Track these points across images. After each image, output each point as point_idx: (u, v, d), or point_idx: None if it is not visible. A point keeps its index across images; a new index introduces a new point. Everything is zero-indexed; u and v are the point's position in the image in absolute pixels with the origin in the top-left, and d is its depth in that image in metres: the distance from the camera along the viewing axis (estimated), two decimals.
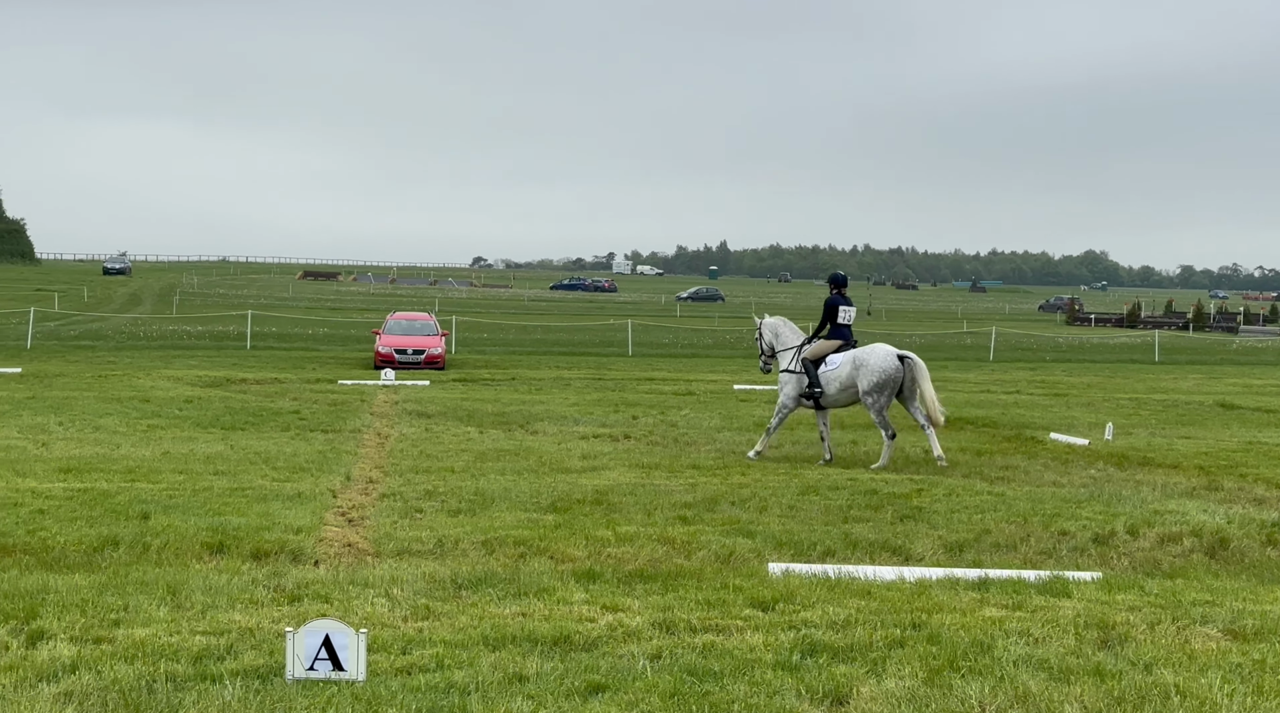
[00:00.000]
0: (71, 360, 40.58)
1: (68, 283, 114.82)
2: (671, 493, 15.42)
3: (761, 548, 12.21)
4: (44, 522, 12.71)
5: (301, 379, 34.33)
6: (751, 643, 8.45)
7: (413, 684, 7.44)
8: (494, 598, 9.68)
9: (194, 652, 8.02)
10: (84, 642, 8.24)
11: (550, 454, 18.96)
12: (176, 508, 13.64)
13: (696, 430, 22.58)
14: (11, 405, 24.62)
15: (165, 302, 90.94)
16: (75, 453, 18.05)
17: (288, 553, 11.58)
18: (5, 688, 7.26)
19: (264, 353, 47.52)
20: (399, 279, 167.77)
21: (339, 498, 14.84)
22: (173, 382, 31.97)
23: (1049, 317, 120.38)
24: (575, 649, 8.29)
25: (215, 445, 19.23)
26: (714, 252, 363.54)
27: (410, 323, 45.18)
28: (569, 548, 11.98)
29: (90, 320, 66.17)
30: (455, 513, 13.86)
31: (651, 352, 54.17)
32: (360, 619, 8.81)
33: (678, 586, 10.19)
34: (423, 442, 20.38)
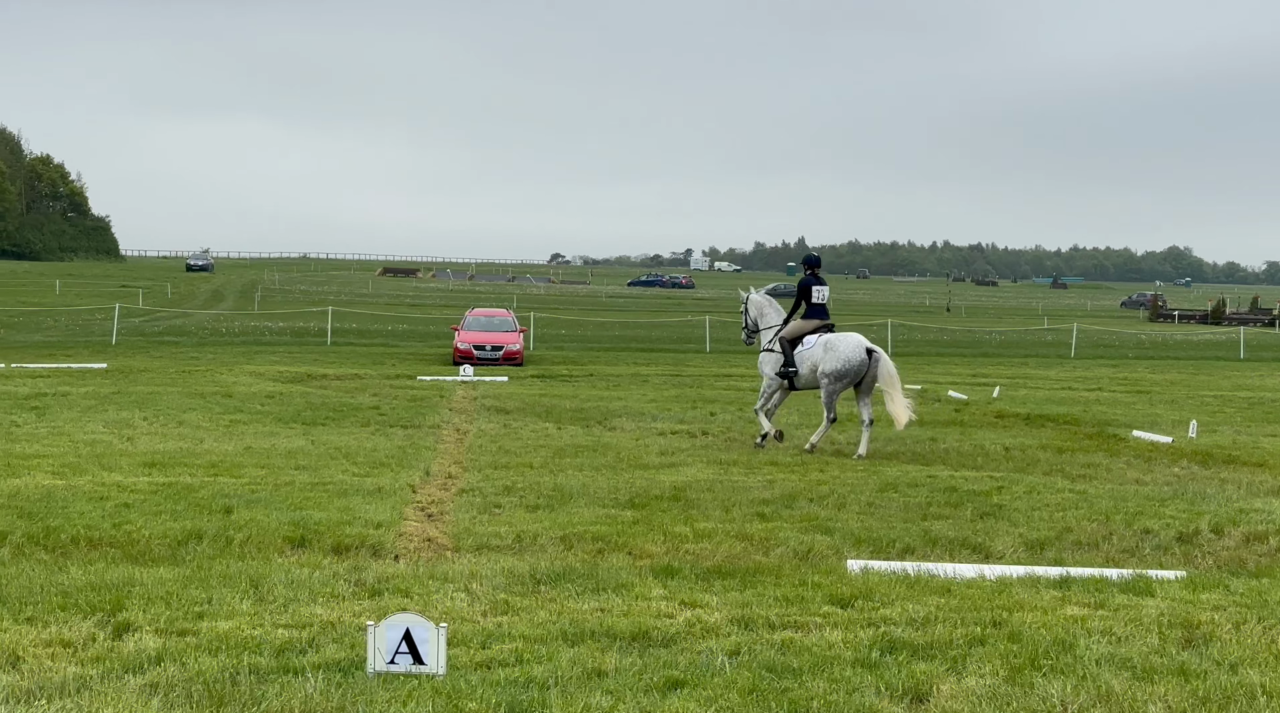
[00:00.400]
0: (155, 356, 41.08)
1: (152, 280, 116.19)
2: (749, 489, 15.40)
3: (840, 545, 12.16)
4: (129, 515, 12.86)
5: (381, 375, 34.56)
6: (830, 640, 8.42)
7: (492, 679, 7.47)
8: (573, 593, 9.71)
9: (276, 645, 8.09)
10: (169, 634, 8.35)
11: (628, 450, 18.98)
12: (259, 502, 13.77)
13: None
14: (97, 400, 24.95)
15: (247, 298, 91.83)
16: (159, 448, 18.26)
17: (368, 548, 11.66)
18: (93, 679, 7.36)
19: (344, 349, 47.90)
20: (477, 276, 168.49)
21: (418, 493, 14.93)
22: (255, 377, 32.28)
23: (1131, 313, 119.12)
24: (653, 645, 8.29)
25: (296, 441, 19.39)
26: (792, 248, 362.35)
27: (489, 319, 45.37)
28: (647, 544, 11.98)
29: (174, 316, 66.96)
30: (534, 508, 13.90)
31: (729, 348, 54.06)
32: (440, 614, 8.86)
33: (756, 582, 10.18)
34: (501, 438, 20.46)
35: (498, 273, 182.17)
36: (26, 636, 8.23)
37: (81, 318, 61.46)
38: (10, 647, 7.95)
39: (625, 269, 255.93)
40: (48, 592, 9.37)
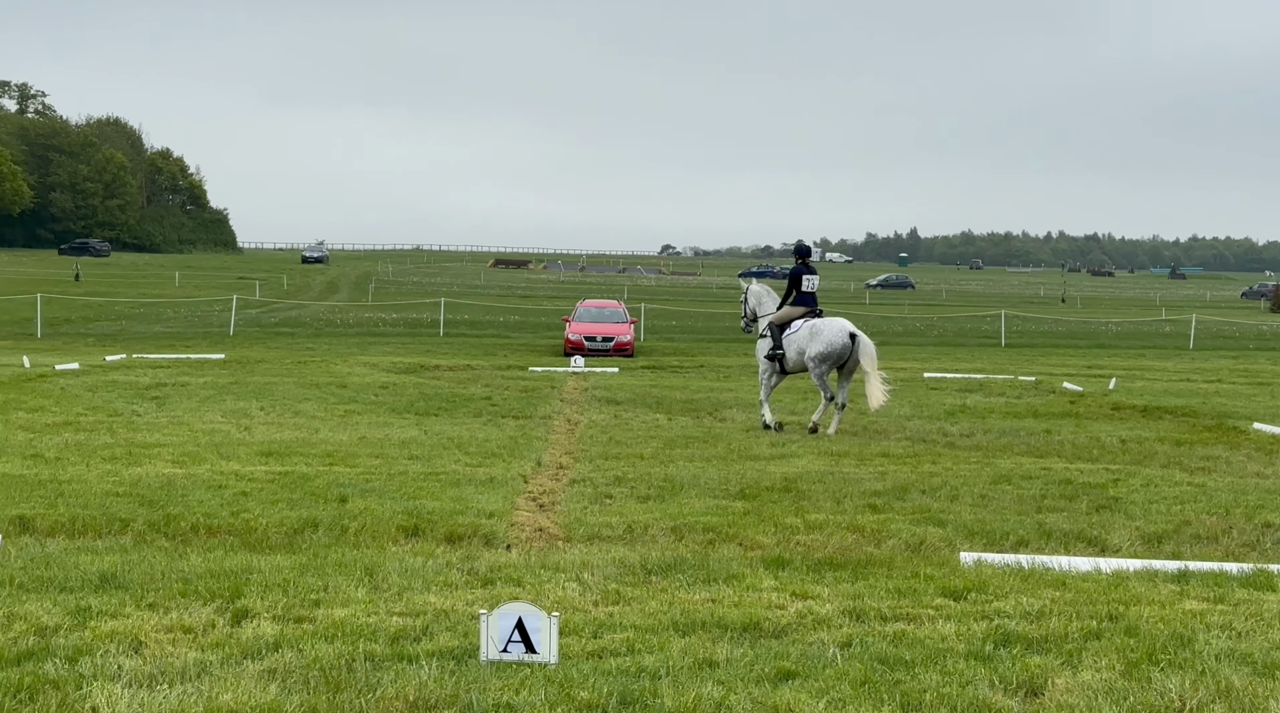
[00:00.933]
0: (272, 347, 41.65)
1: (268, 271, 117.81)
2: (861, 481, 15.32)
3: (953, 537, 12.06)
4: (247, 504, 13.06)
5: (493, 366, 34.78)
6: (943, 632, 8.36)
7: (604, 668, 7.50)
8: (684, 584, 9.72)
9: (391, 632, 8.18)
10: (286, 621, 8.47)
11: (739, 441, 18.96)
12: (373, 491, 13.92)
13: (886, 418, 22.37)
14: (215, 390, 25.34)
15: (361, 289, 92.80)
16: (276, 437, 18.51)
17: (480, 537, 11.75)
18: (213, 664, 7.48)
19: (456, 340, 48.26)
20: (588, 267, 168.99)
21: (530, 483, 15.01)
22: (368, 368, 32.62)
23: (1252, 304, 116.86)
24: (765, 636, 8.28)
25: (410, 431, 19.57)
26: (904, 238, 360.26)
27: (600, 310, 45.47)
28: (758, 535, 11.97)
29: (289, 308, 67.83)
30: (644, 499, 13.93)
31: None
32: (552, 603, 8.91)
33: (868, 574, 10.13)
34: (612, 428, 20.51)
35: (608, 264, 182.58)
36: (148, 621, 8.39)
37: (200, 309, 62.46)
38: (133, 632, 8.11)
39: (736, 260, 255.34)
40: (168, 578, 9.55)
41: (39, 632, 8.14)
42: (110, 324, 52.81)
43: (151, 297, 72.83)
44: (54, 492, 13.47)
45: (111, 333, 48.45)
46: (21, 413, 20.85)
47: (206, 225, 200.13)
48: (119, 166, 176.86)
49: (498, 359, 37.73)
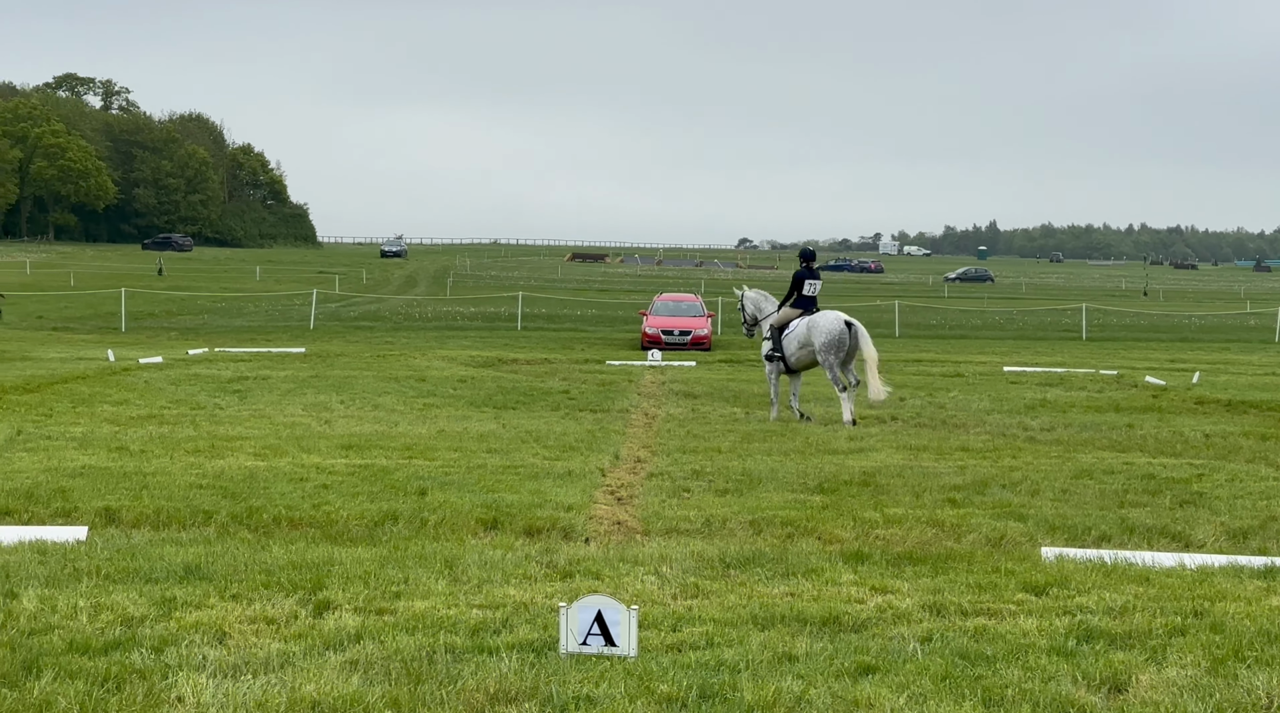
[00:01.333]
0: (351, 340, 41.99)
1: (347, 265, 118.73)
2: (940, 475, 15.22)
3: (1033, 532, 11.96)
4: (328, 496, 13.16)
5: (570, 360, 34.88)
6: (1025, 628, 8.30)
7: (683, 661, 7.50)
8: (762, 578, 9.70)
9: (471, 624, 8.22)
10: (367, 613, 8.53)
11: (817, 435, 18.89)
12: (452, 484, 13.98)
13: (965, 412, 22.24)
14: (296, 384, 25.57)
15: (439, 283, 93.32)
16: (356, 430, 18.64)
17: (559, 530, 11.77)
18: (295, 655, 7.55)
19: (534, 334, 48.44)
20: (665, 261, 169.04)
21: (608, 477, 15.03)
22: (447, 362, 32.80)
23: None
24: (844, 630, 8.26)
25: (488, 424, 19.65)
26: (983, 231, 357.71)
27: (677, 304, 45.51)
28: (836, 529, 11.92)
29: (369, 302, 68.32)
30: (722, 493, 13.91)
31: (919, 333, 53.59)
32: (631, 596, 8.92)
33: (948, 568, 10.07)
34: (689, 422, 20.51)
35: (685, 258, 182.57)
36: (232, 612, 8.48)
37: (281, 303, 63.05)
38: (217, 623, 8.19)
39: None
40: (251, 570, 9.64)
41: (125, 622, 8.25)
42: (192, 318, 53.42)
43: (233, 291, 73.58)
44: (139, 484, 13.63)
45: (194, 327, 49.01)
46: (107, 406, 21.12)
47: (287, 220, 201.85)
48: (201, 162, 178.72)
49: (575, 353, 37.83)
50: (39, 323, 49.22)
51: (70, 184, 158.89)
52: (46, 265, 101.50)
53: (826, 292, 25.46)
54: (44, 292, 65.44)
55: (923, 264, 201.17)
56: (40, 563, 9.76)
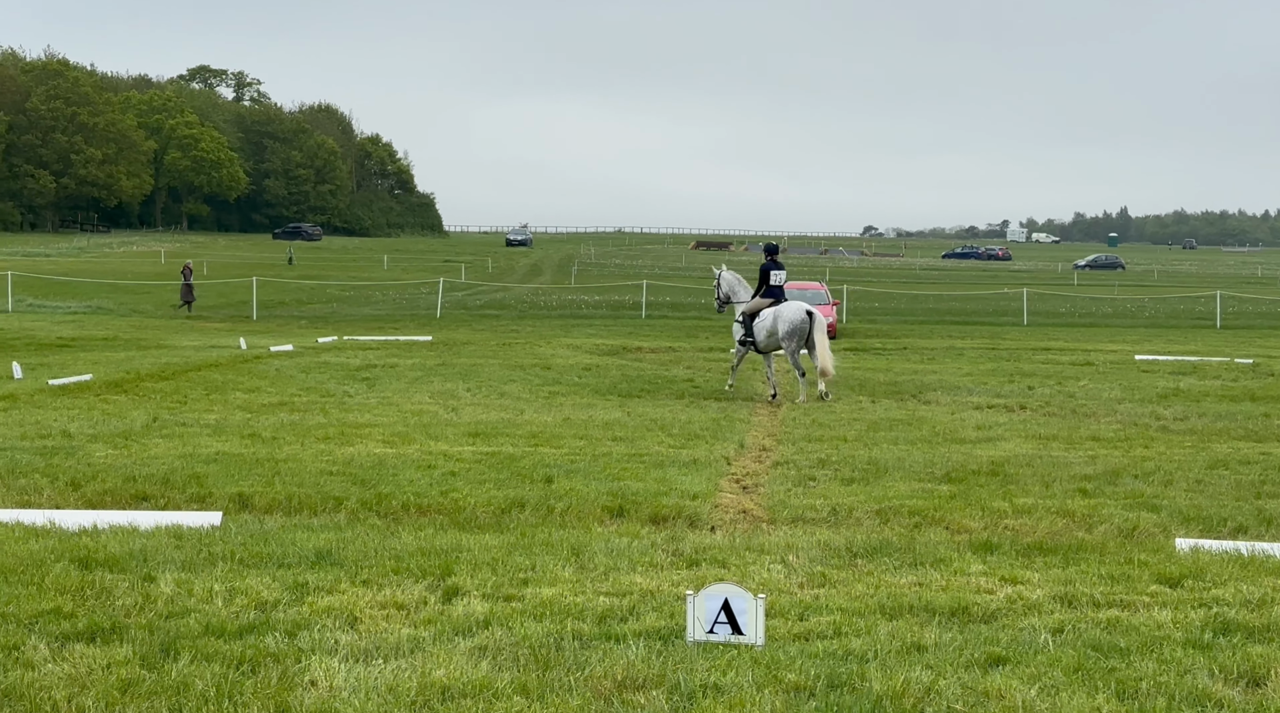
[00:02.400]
0: (477, 329, 42.33)
1: (473, 254, 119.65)
2: (1070, 465, 15.02)
3: (1167, 523, 11.76)
4: (455, 483, 13.27)
5: (695, 347, 34.88)
6: (1159, 620, 8.17)
7: (810, 651, 7.48)
8: (890, 567, 9.64)
9: (598, 612, 8.25)
10: (495, 599, 8.59)
11: (944, 424, 18.72)
12: (578, 472, 14.04)
13: (1095, 401, 21.91)
14: (423, 372, 25.82)
15: (564, 272, 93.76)
16: (482, 418, 18.78)
17: (685, 518, 11.78)
18: (425, 640, 7.63)
19: (658, 322, 48.51)
20: (789, 249, 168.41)
21: (733, 465, 15.02)
22: (572, 350, 32.95)
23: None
24: (974, 621, 8.18)
25: (613, 412, 19.71)
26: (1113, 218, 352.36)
27: (801, 292, 45.30)
28: (965, 519, 11.80)
29: (494, 290, 68.82)
30: (848, 481, 13.84)
31: (1047, 321, 52.89)
32: (757, 585, 8.90)
33: (1079, 559, 9.94)
34: (815, 410, 20.42)
35: (809, 246, 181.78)
36: (363, 597, 8.59)
37: (408, 292, 63.71)
38: (349, 608, 8.30)
39: (940, 241, 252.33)
40: (381, 556, 9.76)
41: (259, 606, 8.39)
42: (322, 307, 54.16)
43: (361, 280, 74.47)
44: (271, 470, 13.84)
45: (323, 315, 49.69)
46: (239, 393, 21.49)
47: (414, 209, 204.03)
48: (330, 152, 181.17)
49: (700, 341, 37.84)
50: (174, 312, 50.17)
51: (203, 175, 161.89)
52: (180, 255, 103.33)
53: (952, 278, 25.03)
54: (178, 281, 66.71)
55: (1051, 251, 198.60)
56: (177, 548, 9.95)
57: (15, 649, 7.41)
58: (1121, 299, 69.39)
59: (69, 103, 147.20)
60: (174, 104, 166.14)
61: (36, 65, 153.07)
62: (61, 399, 20.23)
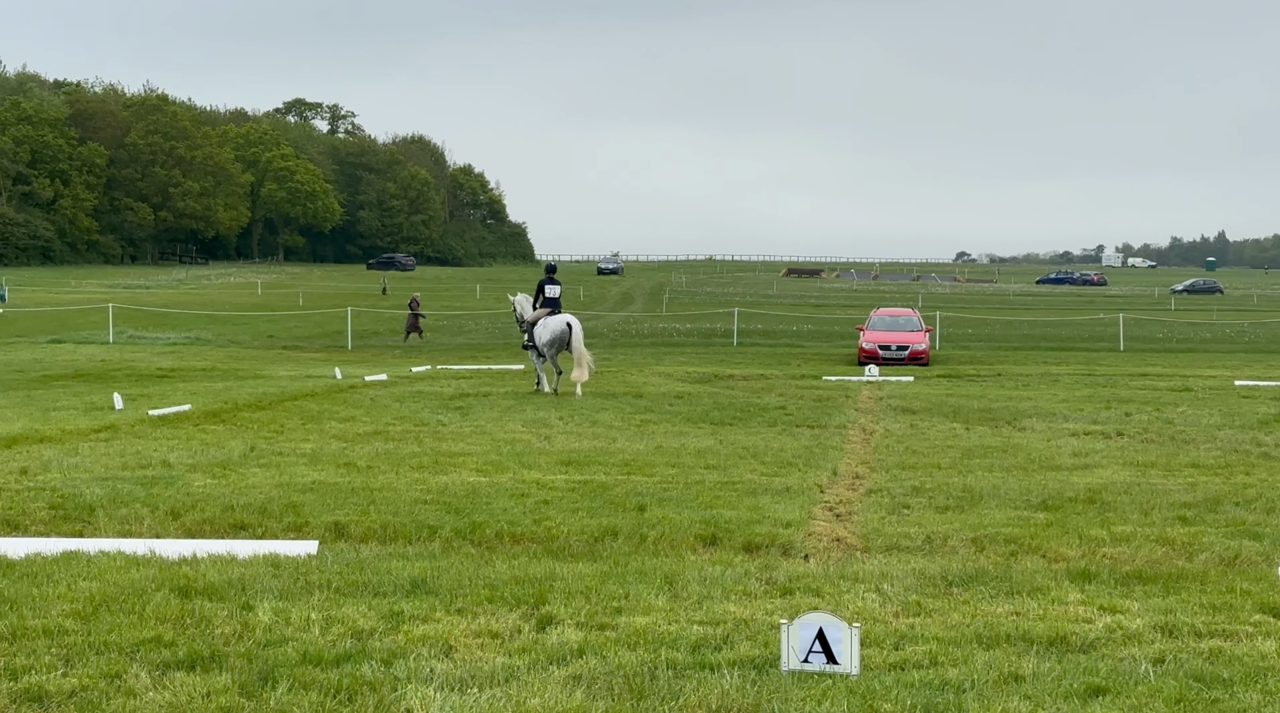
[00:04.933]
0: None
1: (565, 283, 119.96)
2: (1169, 492, 14.81)
3: (1270, 551, 11.56)
4: (548, 512, 13.30)
5: (786, 375, 34.80)
6: (1263, 650, 8.03)
7: (906, 680, 7.42)
8: (986, 596, 9.55)
9: (692, 641, 8.24)
10: (589, 628, 8.60)
11: (1039, 451, 18.54)
12: (670, 500, 14.03)
13: (1195, 428, 21.62)
14: (515, 401, 25.95)
15: (655, 300, 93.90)
16: (575, 446, 18.83)
17: (778, 546, 11.73)
18: (520, 669, 7.65)
19: (750, 349, 48.45)
20: (881, 275, 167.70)
21: (826, 493, 14.94)
22: (663, 378, 32.98)
23: None
24: (1072, 650, 8.09)
25: (705, 440, 19.69)
26: (1211, 242, 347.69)
27: (894, 319, 45.12)
28: (1061, 547, 11.67)
29: (586, 319, 68.86)
30: (943, 509, 13.73)
31: (1144, 346, 52.26)
32: (852, 614, 8.85)
33: (1179, 588, 9.80)
34: (908, 438, 20.29)
35: (902, 272, 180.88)
36: (458, 626, 8.63)
37: (500, 321, 64.00)
38: (444, 636, 8.34)
39: (1033, 267, 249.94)
40: (475, 585, 9.80)
41: (355, 635, 8.45)
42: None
43: (454, 309, 75.00)
44: (366, 499, 13.95)
45: (417, 345, 50.07)
46: (334, 423, 21.69)
47: (506, 238, 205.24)
48: (423, 183, 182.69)
49: (791, 368, 37.74)
50: (270, 342, 50.79)
51: (298, 206, 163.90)
52: (276, 286, 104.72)
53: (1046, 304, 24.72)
54: (274, 311, 67.54)
55: (1148, 276, 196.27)
56: (274, 576, 10.05)
57: (117, 678, 7.52)
58: (1220, 324, 68.46)
59: (167, 137, 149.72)
60: (270, 137, 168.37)
61: (136, 100, 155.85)
62: (161, 429, 20.52)
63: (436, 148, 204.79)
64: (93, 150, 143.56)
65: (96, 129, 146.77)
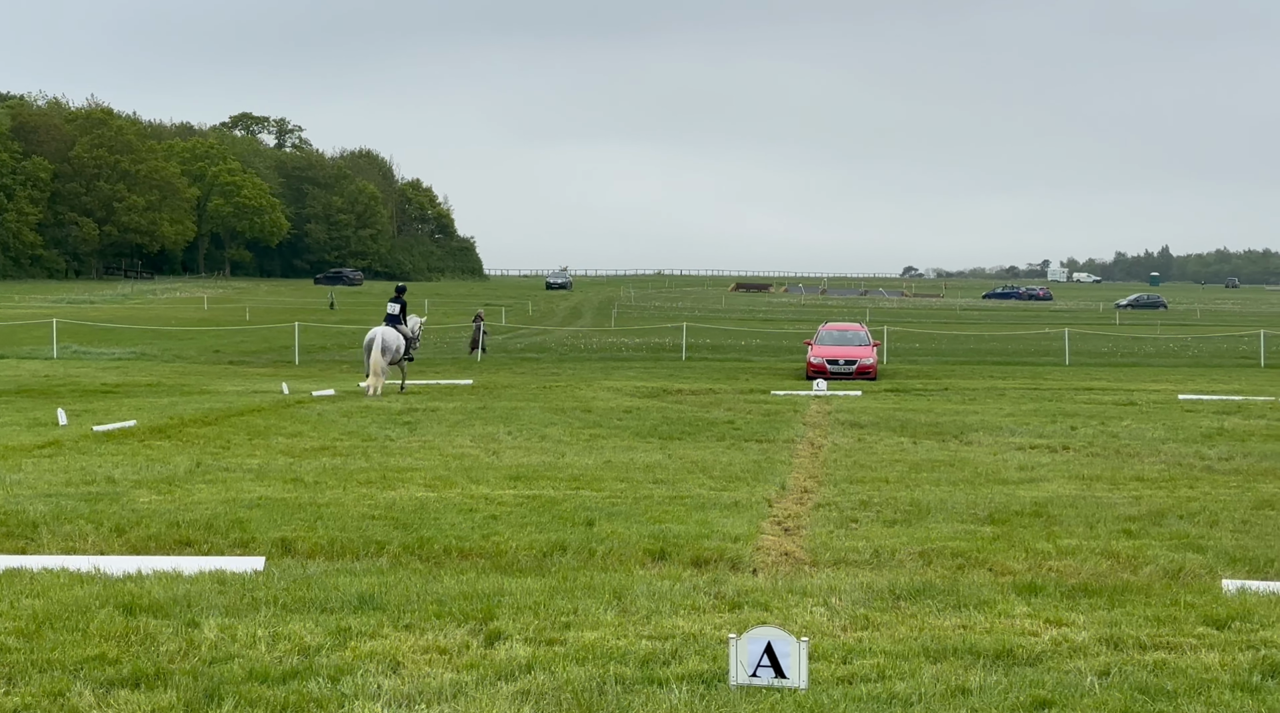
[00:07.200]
0: (518, 372, 42.43)
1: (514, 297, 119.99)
2: (1114, 506, 14.93)
3: (1213, 564, 11.66)
4: (497, 527, 13.27)
5: (735, 390, 34.85)
6: (1206, 662, 8.10)
7: (854, 694, 7.45)
8: (933, 609, 9.60)
9: (640, 655, 8.24)
10: (537, 643, 8.59)
11: (986, 465, 18.65)
12: (619, 515, 14.02)
13: (1139, 441, 21.79)
14: (464, 415, 25.88)
15: (604, 315, 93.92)
16: (523, 461, 18.80)
17: (726, 561, 11.74)
18: (468, 685, 7.63)
19: (698, 364, 48.51)
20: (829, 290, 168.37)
21: (774, 507, 14.97)
22: (612, 392, 32.97)
23: None
24: (1018, 663, 8.13)
25: (654, 455, 19.70)
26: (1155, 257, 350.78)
27: (842, 334, 45.28)
28: (1008, 560, 11.73)
29: (534, 333, 68.97)
30: (890, 523, 13.78)
31: (1089, 361, 52.65)
32: (800, 628, 8.88)
33: (1124, 601, 9.88)
34: (856, 452, 20.36)
35: (850, 287, 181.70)
36: (405, 642, 8.60)
37: (449, 336, 63.87)
38: (391, 653, 8.32)
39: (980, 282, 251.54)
40: (423, 600, 9.77)
41: (302, 651, 8.41)
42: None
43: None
44: (313, 515, 13.88)
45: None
46: (281, 438, 21.57)
47: (454, 253, 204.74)
48: (371, 197, 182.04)
49: (740, 383, 37.81)
50: (216, 357, 50.48)
51: (245, 221, 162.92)
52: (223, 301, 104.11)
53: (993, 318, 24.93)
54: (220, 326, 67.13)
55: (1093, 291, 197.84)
56: (220, 593, 9.99)
57: (60, 696, 7.45)
58: (1164, 338, 69.06)
59: (112, 151, 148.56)
60: (216, 151, 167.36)
61: (80, 114, 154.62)
62: (106, 445, 20.36)
63: (385, 162, 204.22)
64: (36, 164, 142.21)
65: (40, 143, 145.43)
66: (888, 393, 34.07)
